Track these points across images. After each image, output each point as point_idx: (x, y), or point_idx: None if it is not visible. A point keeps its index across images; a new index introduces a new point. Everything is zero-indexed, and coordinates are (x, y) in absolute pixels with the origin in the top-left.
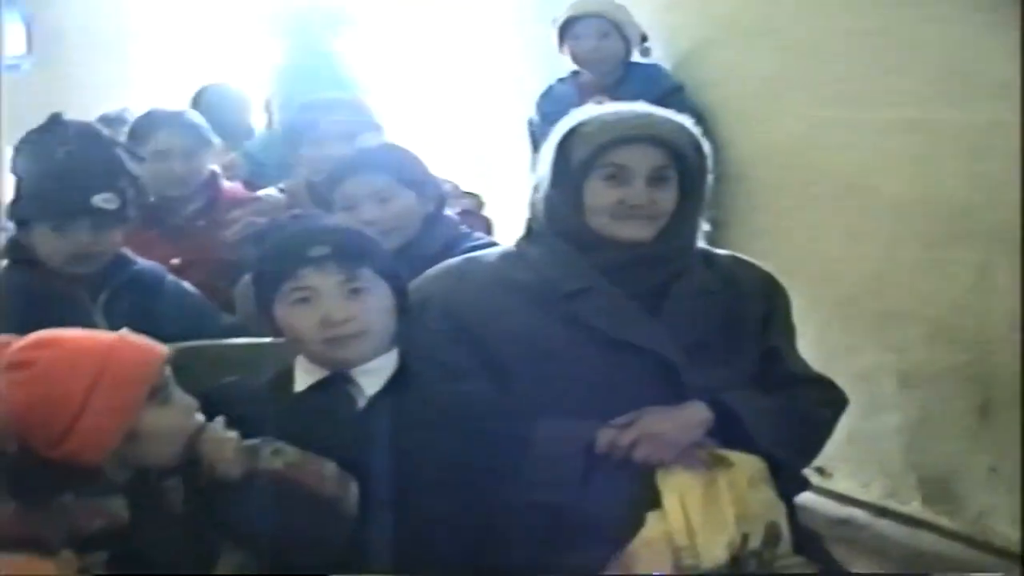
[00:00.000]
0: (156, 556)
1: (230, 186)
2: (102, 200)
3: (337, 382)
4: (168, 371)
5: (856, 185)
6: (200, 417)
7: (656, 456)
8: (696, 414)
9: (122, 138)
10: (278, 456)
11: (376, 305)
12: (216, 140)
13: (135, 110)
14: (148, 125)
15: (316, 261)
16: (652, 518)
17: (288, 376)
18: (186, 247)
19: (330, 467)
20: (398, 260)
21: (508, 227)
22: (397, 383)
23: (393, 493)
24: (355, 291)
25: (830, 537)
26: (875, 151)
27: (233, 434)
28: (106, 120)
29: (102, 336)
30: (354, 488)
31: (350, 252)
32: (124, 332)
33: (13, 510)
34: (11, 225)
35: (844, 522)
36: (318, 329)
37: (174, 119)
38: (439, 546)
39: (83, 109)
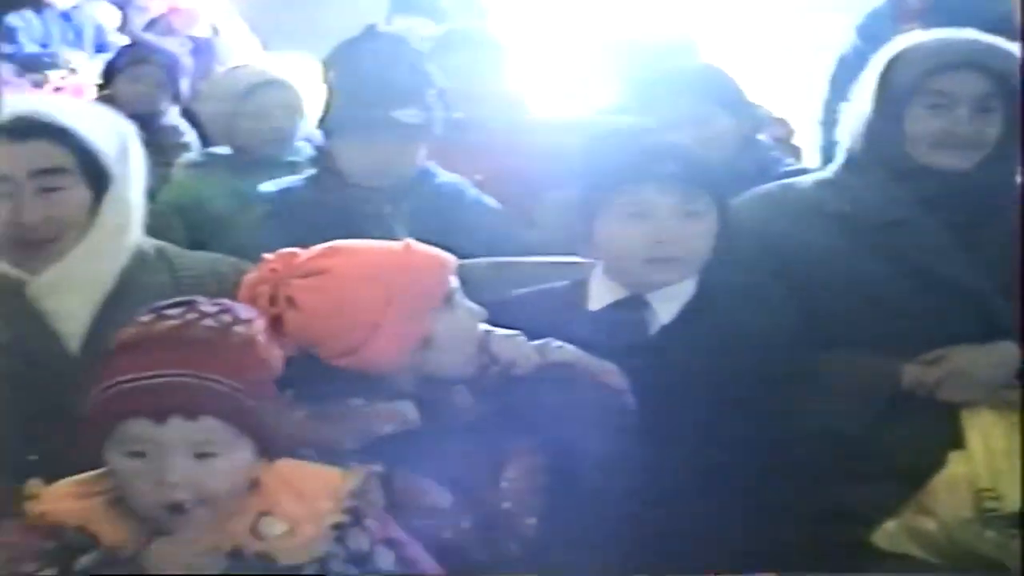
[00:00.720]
0: (445, 461)
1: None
2: (406, 115)
3: (633, 304)
4: (456, 279)
5: None
6: (484, 325)
7: (962, 396)
8: (1007, 354)
9: None
10: (563, 351)
11: (706, 231)
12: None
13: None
14: (448, 43)
15: (660, 178)
16: (954, 458)
17: (581, 292)
18: (490, 163)
19: (611, 365)
20: None
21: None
22: (692, 310)
23: (680, 420)
24: (689, 214)
25: None
26: None
27: (518, 333)
28: None
29: (391, 246)
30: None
31: (696, 174)
32: (409, 241)
33: (305, 415)
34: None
35: None
36: (644, 247)
37: (474, 36)
38: (722, 473)
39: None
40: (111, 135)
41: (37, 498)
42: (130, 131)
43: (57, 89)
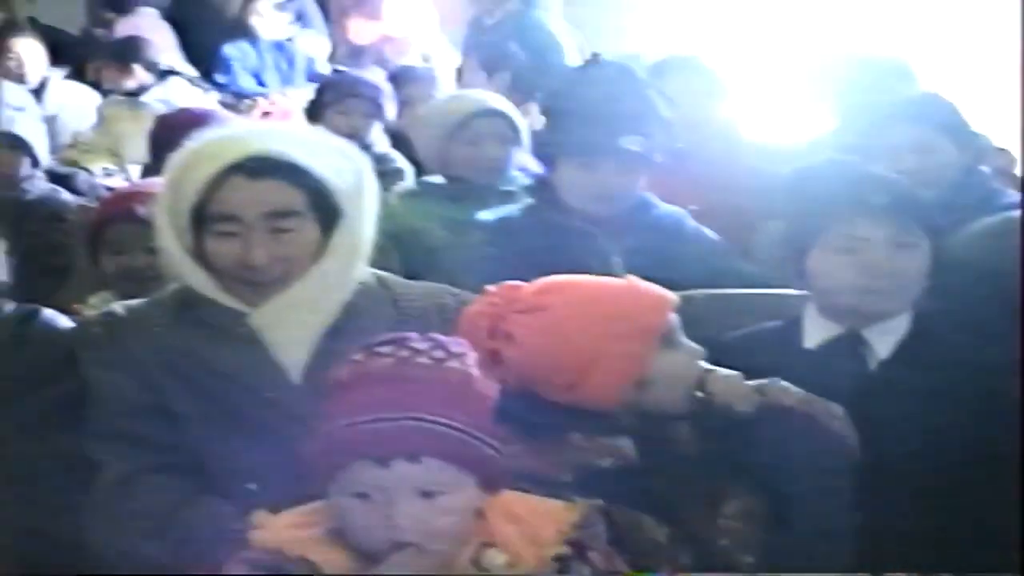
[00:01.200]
0: (662, 497)
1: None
2: (630, 142)
3: (849, 341)
4: (676, 317)
5: None
6: (704, 364)
7: None
8: None
9: None
10: (787, 392)
11: (918, 263)
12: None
13: (647, 55)
14: (663, 70)
15: (872, 211)
16: None
17: (795, 329)
18: (705, 193)
19: (837, 407)
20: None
21: None
22: (909, 344)
23: (902, 456)
24: (901, 246)
25: None
26: None
27: (739, 374)
28: None
29: (612, 283)
30: (855, 436)
31: (908, 205)
32: (632, 278)
33: (522, 448)
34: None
35: None
36: (857, 279)
37: (689, 64)
38: (944, 508)
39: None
40: (346, 169)
41: (262, 527)
42: (365, 163)
43: (265, 114)
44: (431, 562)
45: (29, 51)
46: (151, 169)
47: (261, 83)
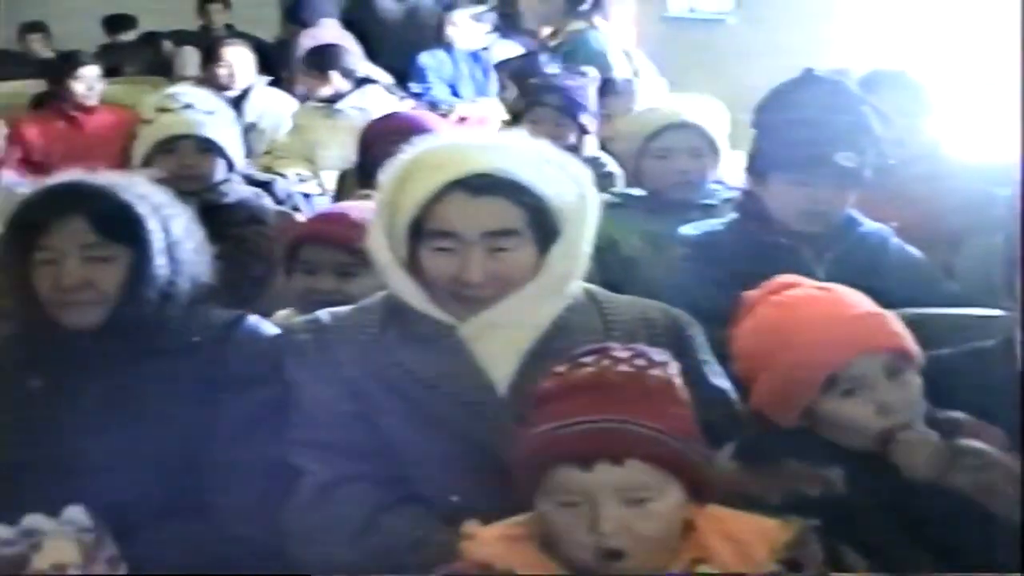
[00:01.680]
0: (866, 533)
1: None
2: (844, 158)
3: None
4: (868, 364)
5: None
6: (901, 414)
7: None
8: None
9: None
10: (971, 473)
11: None
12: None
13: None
14: (871, 84)
15: None
16: None
17: (1010, 350)
18: (906, 211)
19: None
20: None
21: None
22: None
23: None
24: None
25: None
26: None
27: (933, 437)
28: None
29: (858, 304)
30: None
31: None
32: (874, 311)
33: (736, 468)
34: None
35: None
36: None
37: (896, 79)
38: None
39: (782, 68)
40: (569, 186)
41: (473, 539)
42: (588, 179)
43: (462, 119)
44: (641, 570)
45: (239, 59)
46: (350, 174)
47: (456, 93)
